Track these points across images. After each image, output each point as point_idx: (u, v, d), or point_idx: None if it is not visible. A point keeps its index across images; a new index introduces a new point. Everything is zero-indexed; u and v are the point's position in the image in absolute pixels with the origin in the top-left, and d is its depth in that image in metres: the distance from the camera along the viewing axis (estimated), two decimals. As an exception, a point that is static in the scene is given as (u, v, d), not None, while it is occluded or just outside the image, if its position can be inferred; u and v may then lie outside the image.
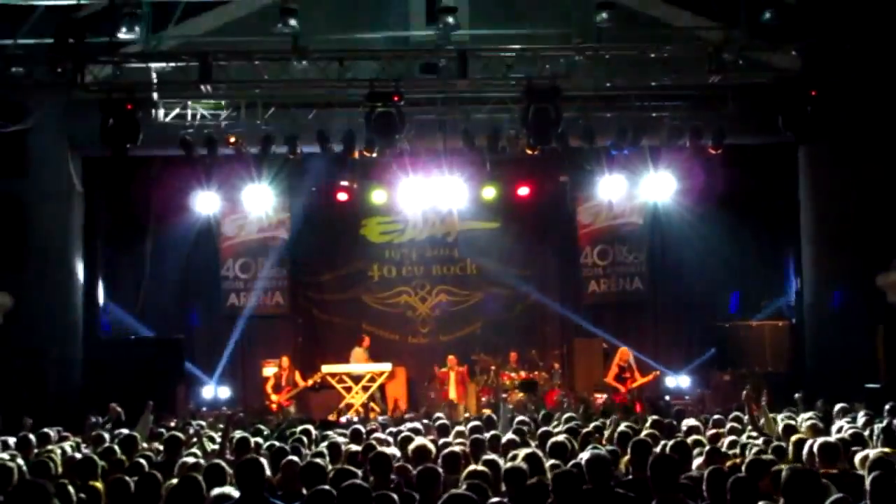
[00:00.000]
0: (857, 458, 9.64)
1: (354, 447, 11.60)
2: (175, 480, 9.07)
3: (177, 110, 20.13)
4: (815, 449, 9.62)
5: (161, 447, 12.35)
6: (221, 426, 14.22)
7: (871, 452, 9.57)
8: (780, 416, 13.82)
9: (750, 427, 13.49)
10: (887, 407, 14.38)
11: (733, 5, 17.54)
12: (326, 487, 8.07)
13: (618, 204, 24.05)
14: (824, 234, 21.52)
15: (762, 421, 13.34)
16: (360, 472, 9.43)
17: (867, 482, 7.93)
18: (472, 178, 22.53)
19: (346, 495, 7.84)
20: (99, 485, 9.37)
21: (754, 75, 18.65)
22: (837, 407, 14.44)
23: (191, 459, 10.60)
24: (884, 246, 20.43)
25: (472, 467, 9.19)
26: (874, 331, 20.67)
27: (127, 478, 8.96)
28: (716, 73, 17.82)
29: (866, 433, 11.53)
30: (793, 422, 12.97)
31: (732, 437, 11.84)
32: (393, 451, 10.85)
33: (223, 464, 9.64)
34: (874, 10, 16.93)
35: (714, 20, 18.06)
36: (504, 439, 11.76)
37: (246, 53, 17.97)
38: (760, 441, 11.24)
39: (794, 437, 10.86)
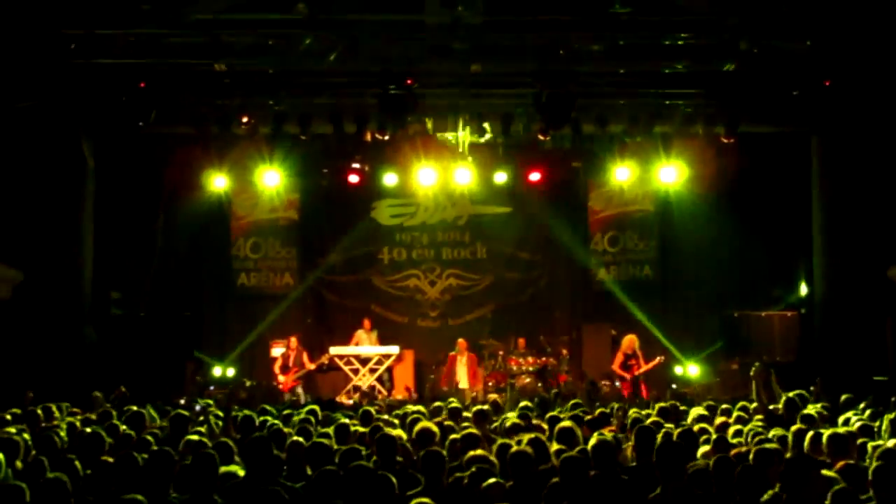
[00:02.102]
0: (869, 449, 9.63)
1: (361, 428, 11.62)
2: (180, 458, 9.09)
3: (189, 88, 20.09)
4: (824, 440, 9.60)
5: (167, 424, 12.39)
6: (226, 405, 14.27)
7: (880, 444, 9.56)
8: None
9: (757, 406, 13.52)
10: (893, 399, 14.37)
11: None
12: (332, 468, 8.10)
13: (629, 190, 24.07)
14: (836, 224, 21.45)
15: (775, 405, 13.34)
16: (365, 453, 9.47)
17: (871, 473, 7.92)
18: (483, 162, 22.53)
19: (351, 476, 7.86)
20: (108, 459, 9.38)
21: (769, 64, 18.54)
22: (843, 398, 14.42)
23: (196, 437, 10.62)
24: (896, 237, 20.40)
25: (473, 452, 9.21)
26: (884, 322, 20.64)
27: (136, 454, 8.97)
28: (730, 61, 17.75)
29: (875, 425, 11.52)
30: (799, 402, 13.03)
31: (739, 426, 11.84)
32: (399, 433, 10.88)
33: (230, 442, 9.68)
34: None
35: (730, 7, 17.95)
36: (509, 423, 11.79)
37: (260, 33, 17.91)
38: (769, 433, 11.22)
39: (794, 427, 10.84)
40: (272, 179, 22.71)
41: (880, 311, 20.63)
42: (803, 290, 22.59)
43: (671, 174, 22.62)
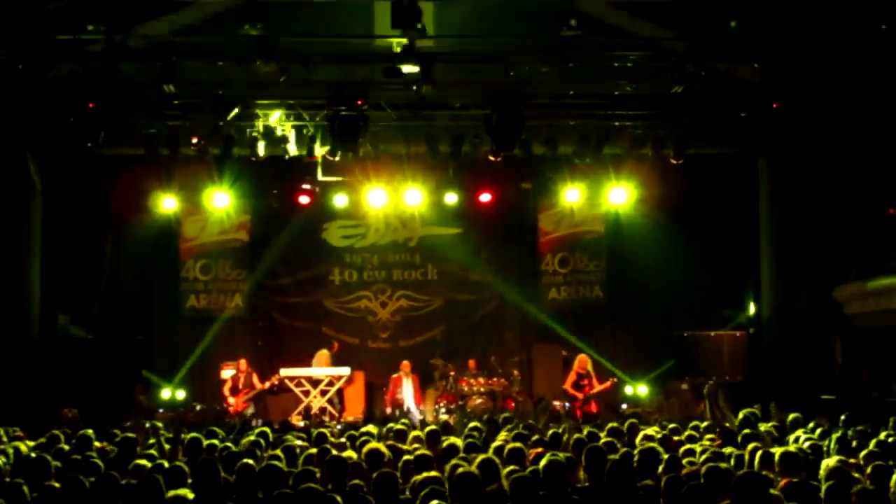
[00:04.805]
0: (821, 468, 9.71)
1: (311, 450, 11.55)
2: (128, 481, 9.01)
3: (139, 110, 19.95)
4: (776, 458, 9.67)
5: (115, 448, 12.27)
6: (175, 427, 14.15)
7: (828, 462, 9.65)
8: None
9: (709, 424, 13.61)
10: (843, 417, 14.51)
11: (697, 16, 17.61)
12: (287, 491, 8.05)
13: (579, 212, 24.20)
14: (783, 246, 21.62)
15: (727, 423, 13.46)
16: (318, 475, 9.42)
17: (822, 492, 8.00)
18: (434, 184, 22.56)
19: (303, 499, 7.82)
20: (54, 484, 9.27)
21: (716, 86, 18.71)
22: (790, 418, 14.55)
23: (145, 461, 10.52)
24: (841, 258, 20.59)
25: (426, 473, 9.17)
26: (830, 342, 20.84)
27: (82, 477, 8.87)
28: (678, 84, 17.89)
29: (824, 444, 11.63)
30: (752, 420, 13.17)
31: (689, 446, 11.89)
32: (350, 454, 10.83)
33: (182, 466, 9.60)
34: (835, 23, 17.03)
35: (677, 31, 18.11)
36: (461, 445, 11.77)
37: (210, 54, 17.83)
38: (718, 449, 11.27)
39: (750, 446, 10.92)
40: (222, 201, 22.58)
41: (827, 330, 20.83)
42: (751, 310, 22.73)
43: (621, 195, 22.79)
